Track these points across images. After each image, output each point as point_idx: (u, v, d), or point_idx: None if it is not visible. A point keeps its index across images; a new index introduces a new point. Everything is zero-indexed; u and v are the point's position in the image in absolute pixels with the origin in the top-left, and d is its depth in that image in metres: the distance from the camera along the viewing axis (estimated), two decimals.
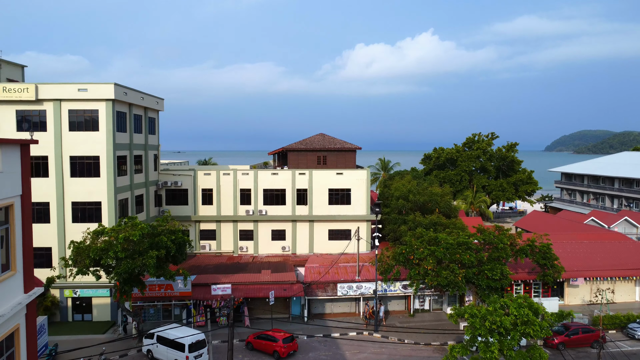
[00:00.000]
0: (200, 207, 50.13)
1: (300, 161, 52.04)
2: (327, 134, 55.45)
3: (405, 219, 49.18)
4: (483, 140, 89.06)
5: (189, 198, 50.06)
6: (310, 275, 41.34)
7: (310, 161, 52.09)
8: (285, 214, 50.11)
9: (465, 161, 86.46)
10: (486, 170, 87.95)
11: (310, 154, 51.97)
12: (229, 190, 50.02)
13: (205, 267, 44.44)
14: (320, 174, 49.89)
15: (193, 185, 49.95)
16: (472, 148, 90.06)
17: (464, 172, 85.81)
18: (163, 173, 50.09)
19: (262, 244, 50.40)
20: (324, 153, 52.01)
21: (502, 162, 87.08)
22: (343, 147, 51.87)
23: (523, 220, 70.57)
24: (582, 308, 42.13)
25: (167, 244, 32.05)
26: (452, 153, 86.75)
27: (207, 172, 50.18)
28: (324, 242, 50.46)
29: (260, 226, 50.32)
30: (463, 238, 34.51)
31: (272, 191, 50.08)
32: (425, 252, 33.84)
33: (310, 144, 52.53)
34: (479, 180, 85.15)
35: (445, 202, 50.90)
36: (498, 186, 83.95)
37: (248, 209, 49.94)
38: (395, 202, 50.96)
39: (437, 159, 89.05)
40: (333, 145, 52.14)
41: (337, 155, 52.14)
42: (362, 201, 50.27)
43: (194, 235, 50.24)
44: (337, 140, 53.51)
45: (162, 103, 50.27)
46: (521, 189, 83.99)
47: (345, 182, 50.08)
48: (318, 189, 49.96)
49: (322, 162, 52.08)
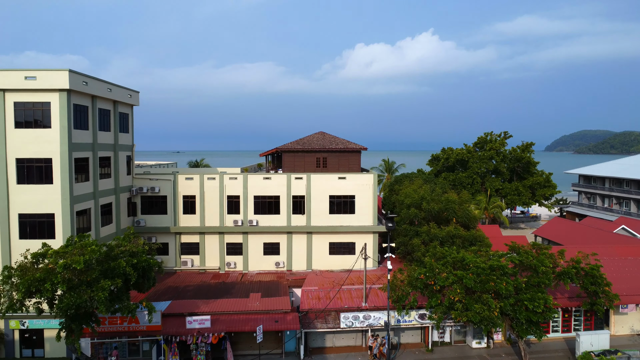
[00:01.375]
0: (181, 217, 43.34)
1: (296, 164, 45.22)
2: (328, 133, 48.69)
3: (418, 231, 42.41)
4: (496, 139, 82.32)
5: (168, 206, 43.26)
6: (308, 301, 34.53)
7: (309, 164, 45.27)
8: (279, 224, 43.34)
9: (477, 162, 79.71)
10: (499, 172, 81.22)
11: (308, 155, 45.16)
12: (214, 197, 43.24)
13: (183, 289, 37.64)
14: (319, 179, 43.13)
15: (173, 192, 43.14)
16: (484, 148, 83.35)
17: (476, 175, 79.08)
18: (138, 178, 43.24)
19: (252, 259, 43.60)
20: (324, 154, 45.21)
21: (517, 164, 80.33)
22: (346, 147, 45.05)
23: (544, 229, 63.80)
24: (633, 339, 35.39)
25: (125, 271, 25.24)
26: (462, 154, 79.97)
27: (188, 177, 43.37)
28: (324, 257, 43.68)
29: (251, 239, 43.52)
30: (496, 261, 27.68)
31: (265, 198, 43.31)
32: (451, 278, 27.09)
33: (308, 143, 45.72)
34: (492, 183, 78.41)
35: (463, 210, 44.12)
36: (513, 190, 77.17)
37: (236, 218, 43.16)
38: (406, 210, 44.17)
39: (447, 160, 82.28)
40: (334, 145, 45.33)
41: (339, 156, 45.33)
42: (368, 210, 43.50)
43: (173, 249, 43.43)
44: (339, 140, 46.71)
45: (137, 96, 43.44)
46: (538, 192, 77.21)
47: (348, 188, 43.30)
48: (317, 195, 43.21)
49: (321, 164, 45.28)
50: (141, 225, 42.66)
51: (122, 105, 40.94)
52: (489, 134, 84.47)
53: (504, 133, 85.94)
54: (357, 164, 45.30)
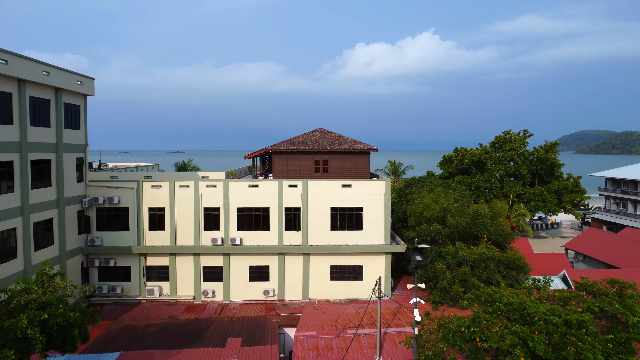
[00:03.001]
0: (146, 234, 34.86)
1: (290, 168, 36.71)
2: (329, 130, 40.19)
3: (442, 252, 33.99)
4: (515, 139, 73.80)
5: (130, 221, 34.77)
6: (303, 354, 25.98)
7: (305, 168, 36.75)
8: (268, 243, 34.90)
9: (496, 164, 71.17)
10: (519, 175, 72.71)
11: (304, 157, 36.64)
12: (188, 209, 34.77)
13: (143, 331, 29.13)
14: (319, 186, 34.67)
15: (136, 203, 34.66)
16: (502, 149, 74.83)
17: (494, 178, 70.57)
18: (93, 185, 34.73)
19: (235, 287, 35.13)
20: (324, 156, 36.70)
21: (540, 166, 71.80)
22: (351, 147, 36.51)
23: (578, 242, 55.29)
24: None
25: (27, 334, 16.74)
26: (479, 155, 71.40)
27: (156, 184, 34.86)
28: (325, 283, 35.22)
29: (233, 261, 35.06)
30: (575, 315, 19.10)
31: (250, 211, 34.85)
32: (509, 338, 18.65)
33: (305, 143, 37.19)
34: (512, 188, 69.89)
35: (496, 226, 35.66)
36: (537, 195, 68.63)
37: (215, 236, 34.71)
38: (426, 226, 35.72)
39: (461, 162, 73.71)
40: (337, 145, 36.81)
41: (344, 159, 36.81)
42: (379, 225, 35.04)
43: (137, 274, 34.96)
44: (342, 139, 38.18)
45: (91, 84, 34.90)
46: (566, 198, 68.68)
47: (355, 198, 34.83)
48: (316, 207, 34.75)
49: (321, 169, 36.76)
50: (96, 245, 34.19)
51: (69, 95, 32.38)
52: (508, 132, 75.97)
53: (523, 132, 77.48)
54: (365, 168, 36.78)
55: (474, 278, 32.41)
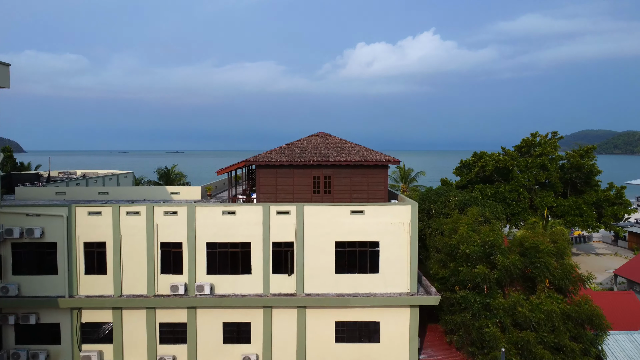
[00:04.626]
0: (82, 279, 25.31)
1: (281, 187, 27.05)
2: (332, 135, 30.57)
3: (491, 306, 24.49)
4: (545, 142, 64.13)
5: (59, 261, 25.21)
6: None
7: (301, 186, 27.10)
8: (250, 291, 25.34)
9: (524, 172, 61.51)
10: (549, 184, 63.04)
11: (300, 172, 26.98)
12: (139, 244, 25.23)
13: None
14: (319, 213, 25.10)
15: (67, 236, 25.09)
16: (530, 153, 65.21)
17: (522, 188, 60.90)
18: (6, 213, 25.13)
19: (204, 351, 25.53)
20: (326, 171, 27.04)
21: (575, 174, 62.14)
22: (364, 159, 26.80)
23: (631, 268, 45.73)
24: None
25: None
26: (504, 161, 61.69)
27: (94, 210, 25.28)
28: (327, 346, 25.60)
29: (202, 316, 25.48)
30: None
31: (225, 247, 25.27)
32: None
33: (301, 152, 27.47)
34: (543, 199, 60.20)
35: (563, 268, 26.11)
36: (573, 208, 58.94)
37: (177, 282, 25.17)
38: (468, 269, 26.13)
39: (482, 169, 64.01)
40: (344, 155, 27.13)
41: (353, 175, 27.13)
42: (401, 266, 25.46)
43: (69, 334, 25.38)
44: (350, 147, 28.50)
45: (5, 73, 25.26)
46: (607, 212, 59.01)
47: (368, 229, 25.25)
48: (315, 242, 25.19)
49: (322, 188, 27.10)
50: (11, 296, 24.64)
51: None
52: (535, 134, 66.32)
53: (552, 134, 67.85)
54: (382, 187, 27.06)
55: (540, 347, 22.93)
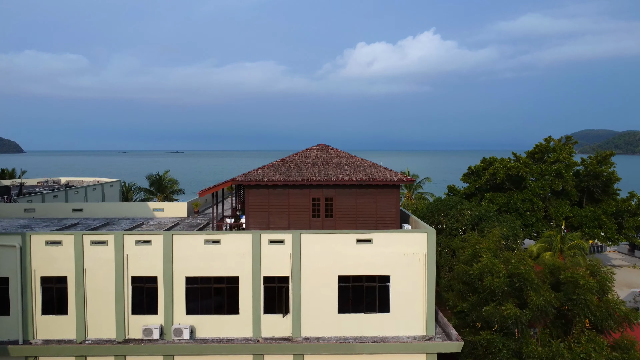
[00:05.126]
0: (38, 321, 21.40)
1: (274, 210, 23.06)
2: (333, 147, 26.60)
3: (524, 354, 20.57)
4: (560, 148, 60.16)
5: (11, 299, 21.30)
6: None
7: (298, 210, 23.12)
8: (237, 334, 21.42)
9: (539, 180, 57.55)
10: (564, 192, 59.06)
11: (296, 193, 23.02)
12: (106, 279, 21.32)
13: None
14: (319, 242, 21.18)
15: (20, 270, 21.19)
16: (543, 159, 61.26)
17: (535, 197, 56.91)
18: None
19: None
20: (328, 191, 23.07)
21: (593, 182, 58.16)
22: (372, 178, 22.76)
23: None
24: None
25: None
26: (517, 168, 57.68)
27: (53, 240, 21.33)
28: None
29: None
30: None
31: (208, 282, 21.35)
32: None
33: (298, 169, 23.49)
34: (558, 209, 56.23)
35: (606, 306, 22.19)
36: (591, 219, 54.97)
37: (151, 324, 21.23)
38: (495, 307, 22.16)
39: (493, 176, 60.02)
40: (349, 173, 23.14)
41: (359, 196, 23.15)
42: (416, 304, 21.53)
43: None
44: (355, 162, 24.53)
45: None
46: (628, 223, 54.99)
47: (377, 261, 21.33)
48: (315, 276, 21.26)
49: (323, 211, 23.13)
50: None
51: None
52: (549, 140, 62.35)
53: (566, 138, 64.01)
54: (393, 210, 23.07)
55: None
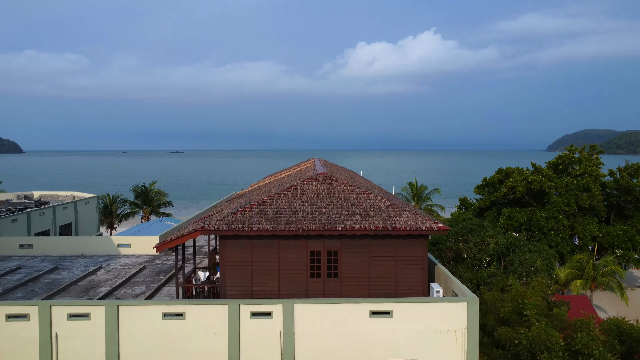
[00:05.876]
0: None
1: (258, 267, 17.16)
2: (337, 179, 20.68)
3: None
4: (588, 159, 54.30)
5: None
6: None
7: (290, 268, 17.25)
8: None
9: (564, 195, 51.75)
10: (591, 208, 53.18)
11: (288, 244, 17.16)
12: None
13: None
14: (319, 314, 15.40)
15: None
16: (567, 172, 55.51)
17: (560, 214, 51.01)
18: None
19: None
20: (332, 242, 17.16)
21: (624, 197, 52.31)
22: (391, 226, 16.59)
23: None
24: None
25: None
26: (539, 182, 51.72)
27: None
28: None
29: None
30: None
31: None
32: None
33: (292, 213, 17.36)
34: (585, 227, 50.40)
35: None
36: (625, 239, 49.17)
37: None
38: None
39: (511, 190, 54.10)
40: (359, 217, 17.07)
41: (373, 248, 17.24)
42: None
43: None
44: (365, 199, 18.44)
45: None
46: None
47: (398, 342, 15.54)
48: None
49: (325, 269, 17.26)
50: None
51: None
52: (573, 149, 56.57)
53: (590, 147, 58.20)
54: (419, 267, 17.13)
55: None
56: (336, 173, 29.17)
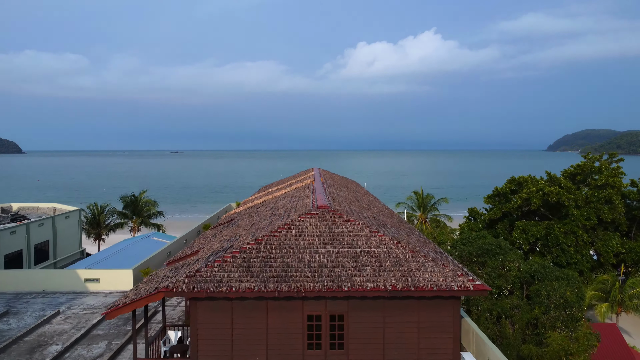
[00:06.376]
0: None
1: (242, 335, 13.40)
2: (340, 213, 16.88)
3: None
4: (609, 169, 50.47)
5: None
6: None
7: (281, 333, 13.48)
8: None
9: (583, 207, 47.91)
10: (612, 222, 49.31)
11: (279, 306, 13.34)
12: None
13: None
14: None
15: None
16: (586, 181, 51.69)
17: (580, 228, 47.13)
18: None
19: None
20: (336, 305, 13.32)
21: None
22: (412, 285, 12.71)
23: None
24: None
25: None
26: (557, 194, 47.79)
27: None
28: None
29: None
30: None
31: None
32: None
33: (283, 264, 13.43)
34: (607, 243, 46.55)
35: None
36: None
37: None
38: None
39: (526, 202, 50.17)
40: (372, 273, 13.21)
41: (388, 310, 13.39)
42: None
43: None
44: (378, 243, 14.60)
45: None
46: None
47: None
48: None
49: (326, 337, 13.45)
50: None
51: None
52: (592, 158, 52.75)
53: (609, 155, 54.32)
54: (448, 336, 13.35)
55: None
56: (338, 192, 25.37)
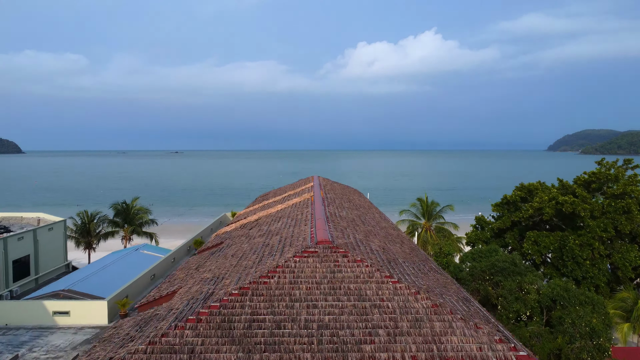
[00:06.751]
0: None
1: None
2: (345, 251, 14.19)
3: None
4: (624, 175, 47.68)
5: None
6: None
7: None
8: None
9: (600, 218, 45.20)
10: (630, 233, 46.53)
11: None
12: None
13: None
14: None
15: None
16: (602, 190, 48.96)
17: (596, 240, 44.38)
18: None
19: None
20: None
21: None
22: (437, 357, 10.32)
23: None
24: None
25: None
26: (572, 204, 45.00)
27: None
28: None
29: None
30: None
31: None
32: None
33: (274, 325, 10.80)
34: (624, 256, 43.82)
35: None
36: None
37: None
38: None
39: (538, 212, 47.39)
40: (385, 333, 10.52)
41: None
42: None
43: None
44: (394, 293, 11.97)
45: None
46: None
47: None
48: None
49: None
50: None
51: None
52: (607, 165, 50.00)
53: (624, 161, 51.47)
54: None
55: None
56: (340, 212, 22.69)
